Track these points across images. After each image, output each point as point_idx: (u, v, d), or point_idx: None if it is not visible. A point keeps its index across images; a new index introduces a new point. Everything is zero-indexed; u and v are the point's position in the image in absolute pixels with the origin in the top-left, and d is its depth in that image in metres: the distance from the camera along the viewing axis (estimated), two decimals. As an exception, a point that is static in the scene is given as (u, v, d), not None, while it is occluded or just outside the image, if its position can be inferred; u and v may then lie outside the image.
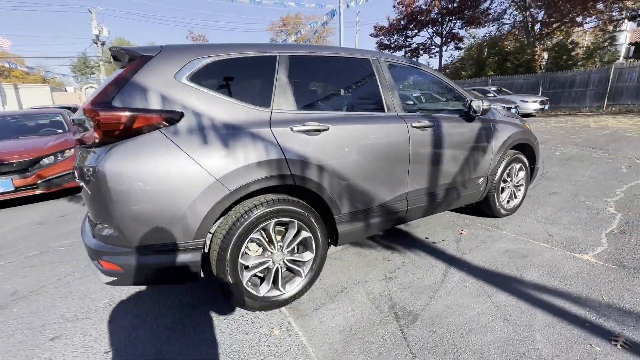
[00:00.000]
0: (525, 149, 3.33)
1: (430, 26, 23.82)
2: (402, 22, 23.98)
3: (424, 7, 21.77)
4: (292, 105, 1.93)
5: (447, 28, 24.45)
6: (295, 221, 1.91)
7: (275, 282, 1.95)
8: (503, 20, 23.04)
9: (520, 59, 19.60)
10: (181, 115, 1.60)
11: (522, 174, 3.34)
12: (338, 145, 2.00)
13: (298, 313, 1.96)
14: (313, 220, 1.96)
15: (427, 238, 2.93)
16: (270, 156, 1.75)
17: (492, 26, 23.09)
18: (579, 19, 20.00)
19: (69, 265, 2.74)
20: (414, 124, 2.35)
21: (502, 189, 3.22)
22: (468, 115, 2.76)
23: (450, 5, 22.10)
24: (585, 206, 3.48)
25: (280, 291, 1.95)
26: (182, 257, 1.63)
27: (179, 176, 1.55)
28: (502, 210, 3.24)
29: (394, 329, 1.78)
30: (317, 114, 2.01)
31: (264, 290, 1.90)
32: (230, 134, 1.68)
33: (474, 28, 22.96)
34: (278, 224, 1.89)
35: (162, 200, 1.53)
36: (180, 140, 1.57)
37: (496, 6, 23.50)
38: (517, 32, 23.40)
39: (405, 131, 2.31)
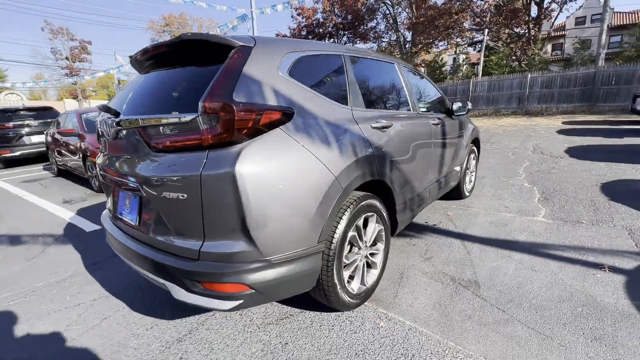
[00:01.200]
0: (475, 142, 4.16)
1: (327, 38, 25.83)
2: (303, 33, 25.27)
3: (322, 19, 23.48)
4: (361, 104, 2.00)
5: (342, 42, 27.06)
6: (375, 215, 1.98)
7: (362, 278, 1.97)
8: (383, 37, 26.97)
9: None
10: (293, 111, 1.50)
11: (473, 162, 4.17)
12: (398, 140, 2.17)
13: (382, 303, 2.03)
14: (384, 213, 2.07)
15: (426, 222, 3.35)
16: (366, 152, 1.80)
17: (374, 42, 26.77)
18: (440, 42, 25.26)
19: (46, 319, 2.03)
20: (432, 121, 2.71)
21: (465, 175, 3.95)
22: (450, 113, 3.31)
23: (344, 21, 24.56)
24: (510, 184, 4.56)
25: (365, 285, 1.99)
26: (309, 263, 1.52)
27: (306, 176, 1.46)
28: (466, 193, 3.97)
29: (470, 296, 2.06)
30: (377, 112, 2.13)
31: (355, 287, 1.91)
32: (334, 131, 1.66)
33: (363, 43, 26.11)
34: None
35: (294, 203, 1.41)
36: (299, 137, 1.47)
37: (380, 25, 27.55)
38: (392, 49, 27.85)
39: (429, 127, 2.65)
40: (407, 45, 27.48)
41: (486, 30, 21.87)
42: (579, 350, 1.57)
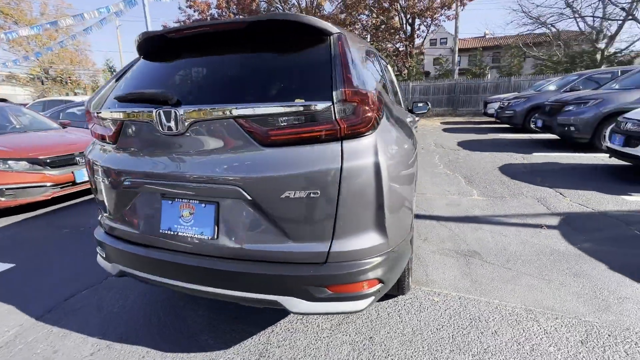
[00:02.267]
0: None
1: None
2: None
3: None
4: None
5: None
6: None
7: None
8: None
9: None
10: None
11: (416, 155, 4.86)
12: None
13: (421, 283, 2.23)
14: None
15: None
16: (415, 139, 1.97)
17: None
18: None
19: None
20: (414, 116, 3.08)
21: (414, 167, 4.57)
22: (411, 112, 3.78)
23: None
24: (437, 173, 5.46)
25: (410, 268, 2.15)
26: (408, 249, 1.57)
27: (406, 160, 1.52)
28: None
29: (480, 262, 2.46)
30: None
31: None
32: (403, 119, 1.77)
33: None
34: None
35: (406, 189, 1.46)
36: (393, 124, 1.54)
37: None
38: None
39: (414, 121, 2.99)
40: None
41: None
42: (570, 284, 2.13)
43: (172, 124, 1.32)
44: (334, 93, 1.20)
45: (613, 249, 2.59)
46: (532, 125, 8.58)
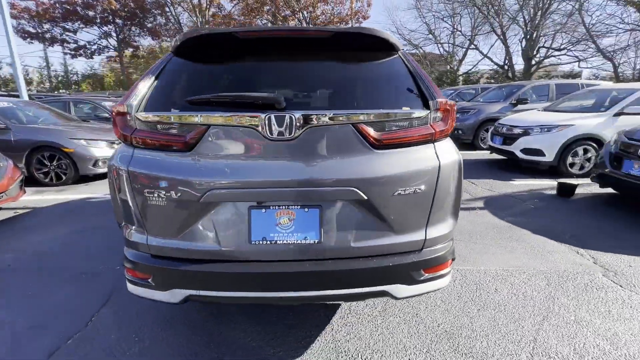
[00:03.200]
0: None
1: (101, 25, 20.62)
2: (60, 10, 18.70)
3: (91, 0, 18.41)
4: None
5: (126, 33, 22.55)
6: None
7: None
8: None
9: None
10: None
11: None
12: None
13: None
14: None
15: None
16: None
17: (169, 41, 24.44)
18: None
19: None
20: None
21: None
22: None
23: (125, 9, 20.46)
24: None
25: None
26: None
27: None
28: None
29: (468, 238, 3.02)
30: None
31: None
32: None
33: (154, 39, 23.02)
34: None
35: None
36: None
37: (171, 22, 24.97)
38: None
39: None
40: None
41: None
42: (517, 248, 2.87)
43: (285, 129, 1.29)
44: (430, 103, 1.41)
45: (525, 219, 3.56)
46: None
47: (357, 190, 1.33)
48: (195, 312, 2.02)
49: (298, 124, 1.30)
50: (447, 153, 1.47)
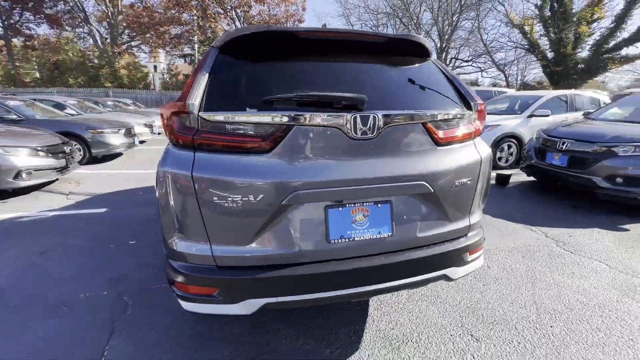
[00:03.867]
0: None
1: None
2: None
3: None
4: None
5: (15, 19, 18.44)
6: None
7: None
8: (82, 26, 21.82)
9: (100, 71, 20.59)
10: None
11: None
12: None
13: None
14: None
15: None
16: None
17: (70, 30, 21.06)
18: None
19: None
20: None
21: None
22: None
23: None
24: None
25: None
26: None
27: None
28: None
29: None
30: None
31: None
32: None
33: (54, 28, 19.45)
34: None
35: None
36: None
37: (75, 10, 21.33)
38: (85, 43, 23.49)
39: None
40: (106, 41, 23.96)
41: (196, 45, 23.79)
42: (490, 231, 3.34)
43: (368, 128, 1.32)
44: (472, 104, 1.60)
45: (482, 206, 4.13)
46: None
47: (426, 184, 1.45)
48: (229, 327, 1.88)
49: (380, 123, 1.36)
50: (484, 148, 1.69)
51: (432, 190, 1.47)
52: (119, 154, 7.84)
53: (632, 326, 1.91)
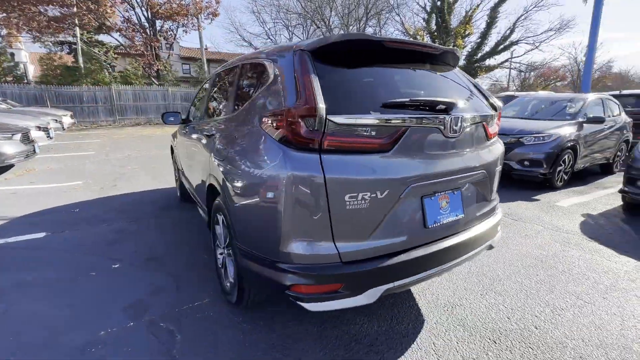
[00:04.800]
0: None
1: None
2: None
3: None
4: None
5: None
6: None
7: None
8: None
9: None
10: None
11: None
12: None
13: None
14: None
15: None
16: None
17: None
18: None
19: None
20: None
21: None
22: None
23: None
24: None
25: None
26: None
27: None
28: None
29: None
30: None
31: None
32: None
33: None
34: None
35: None
36: None
37: None
38: None
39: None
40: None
41: (78, 30, 19.91)
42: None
43: (458, 128, 1.57)
44: (495, 106, 2.00)
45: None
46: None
47: (485, 172, 1.79)
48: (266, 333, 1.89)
49: (463, 124, 1.62)
50: (501, 143, 2.13)
51: (488, 177, 1.83)
52: (9, 167, 6.23)
53: (580, 265, 2.67)
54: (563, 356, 1.70)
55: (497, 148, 1.98)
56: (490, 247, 1.99)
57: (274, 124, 1.44)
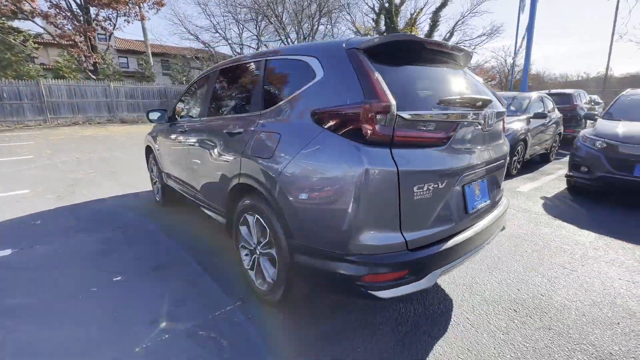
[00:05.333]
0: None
1: None
2: None
3: None
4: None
5: None
6: None
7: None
8: None
9: None
10: None
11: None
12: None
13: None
14: None
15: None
16: None
17: None
18: None
19: None
20: None
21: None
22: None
23: None
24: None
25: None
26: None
27: None
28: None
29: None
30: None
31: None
32: None
33: None
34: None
35: None
36: None
37: None
38: None
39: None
40: None
41: None
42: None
43: (492, 122, 1.73)
44: (502, 102, 2.24)
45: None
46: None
47: (504, 162, 2.01)
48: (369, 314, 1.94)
49: (495, 118, 1.80)
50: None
51: (503, 165, 2.05)
52: None
53: (555, 240, 3.11)
54: (570, 315, 2.00)
55: (506, 140, 2.23)
56: (503, 228, 2.25)
57: (341, 120, 1.46)
